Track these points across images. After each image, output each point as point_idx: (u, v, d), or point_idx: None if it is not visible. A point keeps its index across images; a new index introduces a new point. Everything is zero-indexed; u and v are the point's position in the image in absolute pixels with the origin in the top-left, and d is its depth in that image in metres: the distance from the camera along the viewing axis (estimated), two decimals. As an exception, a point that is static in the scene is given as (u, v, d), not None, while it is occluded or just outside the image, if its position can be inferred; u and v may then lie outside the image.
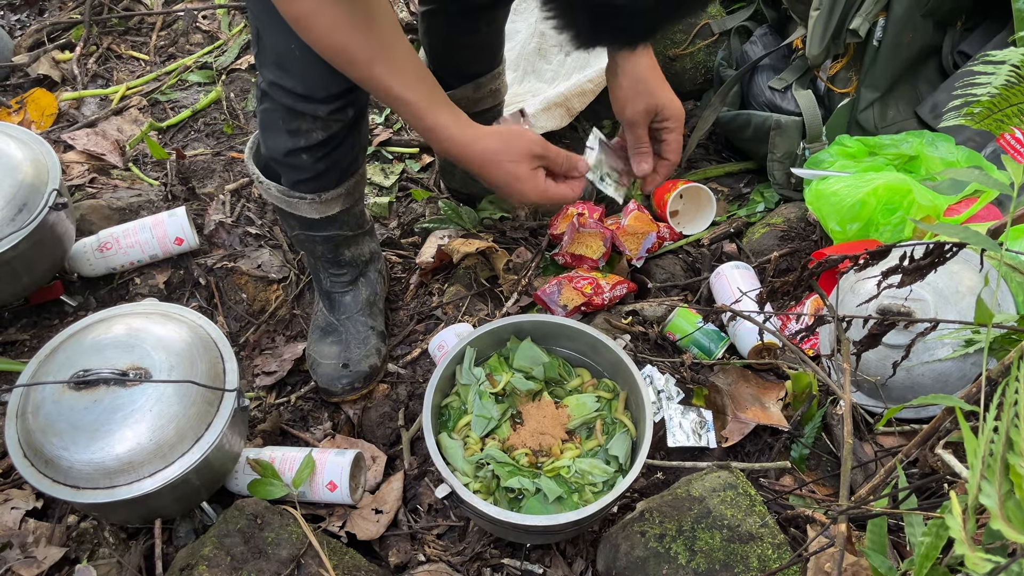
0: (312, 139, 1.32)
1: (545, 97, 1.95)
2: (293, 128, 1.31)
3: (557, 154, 1.20)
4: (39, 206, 1.50)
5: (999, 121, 0.84)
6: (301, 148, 1.33)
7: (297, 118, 1.29)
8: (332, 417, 1.56)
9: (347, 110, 1.30)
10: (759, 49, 1.88)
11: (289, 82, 1.25)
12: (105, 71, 2.35)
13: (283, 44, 1.20)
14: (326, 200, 1.42)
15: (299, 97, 1.26)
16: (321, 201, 1.42)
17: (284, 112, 1.30)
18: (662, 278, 1.74)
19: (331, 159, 1.37)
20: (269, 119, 1.34)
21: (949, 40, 1.75)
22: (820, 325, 1.13)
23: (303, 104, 1.27)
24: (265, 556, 1.20)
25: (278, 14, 1.06)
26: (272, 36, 1.23)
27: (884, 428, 1.35)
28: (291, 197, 1.42)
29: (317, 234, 1.49)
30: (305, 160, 1.35)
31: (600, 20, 0.77)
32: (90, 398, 1.21)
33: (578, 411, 1.23)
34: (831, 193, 1.57)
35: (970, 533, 0.58)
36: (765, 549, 1.16)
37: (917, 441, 0.94)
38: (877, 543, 0.88)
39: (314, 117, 1.29)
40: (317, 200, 1.42)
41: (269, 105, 1.31)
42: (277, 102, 1.29)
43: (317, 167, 1.37)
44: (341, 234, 1.50)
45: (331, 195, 1.42)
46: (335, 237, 1.50)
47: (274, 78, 1.27)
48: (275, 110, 1.31)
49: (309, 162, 1.36)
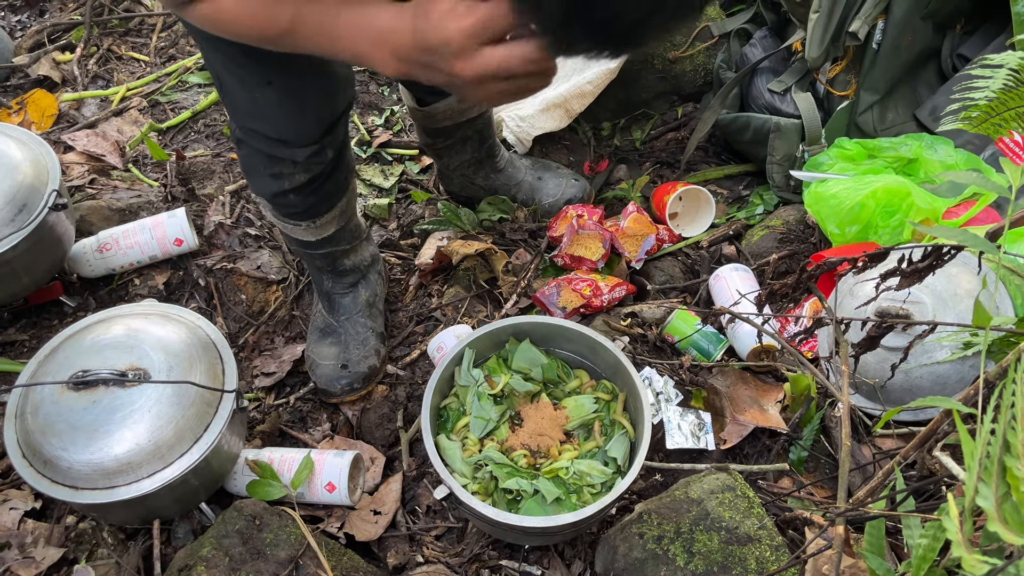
0: (296, 181, 1.31)
1: (544, 98, 1.95)
2: (275, 172, 1.30)
3: None
4: (39, 207, 1.50)
5: (997, 125, 0.85)
6: (286, 190, 1.32)
7: (277, 163, 1.28)
8: (331, 418, 1.56)
9: (325, 151, 1.28)
10: (759, 52, 1.88)
11: (261, 127, 1.23)
12: (105, 72, 2.35)
13: (245, 96, 1.17)
14: (321, 224, 1.43)
15: (275, 142, 1.24)
16: (316, 226, 1.43)
17: (263, 157, 1.29)
18: (661, 280, 1.75)
19: (319, 194, 1.37)
20: (250, 163, 1.33)
21: (948, 43, 1.75)
22: (819, 327, 1.13)
23: (280, 149, 1.25)
24: (263, 557, 1.20)
25: (234, 64, 0.99)
26: (233, 87, 1.20)
27: (882, 430, 1.35)
28: (284, 222, 1.43)
29: (315, 252, 1.50)
30: (293, 199, 1.35)
31: (576, 9, 0.65)
32: (89, 399, 1.21)
33: (576, 412, 1.23)
34: (830, 196, 1.57)
35: (967, 535, 0.58)
36: (763, 551, 1.16)
37: (915, 443, 0.94)
38: (875, 545, 0.88)
39: (293, 162, 1.28)
40: (312, 225, 1.42)
41: (247, 151, 1.30)
42: (254, 148, 1.28)
43: (307, 202, 1.37)
44: (339, 248, 1.51)
45: (325, 219, 1.43)
46: (333, 252, 1.51)
47: (246, 124, 1.25)
48: (254, 155, 1.29)
49: (297, 200, 1.36)
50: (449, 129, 1.69)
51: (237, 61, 1.12)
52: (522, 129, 1.95)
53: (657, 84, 2.07)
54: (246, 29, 0.93)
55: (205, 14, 0.91)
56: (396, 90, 2.27)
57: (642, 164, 2.04)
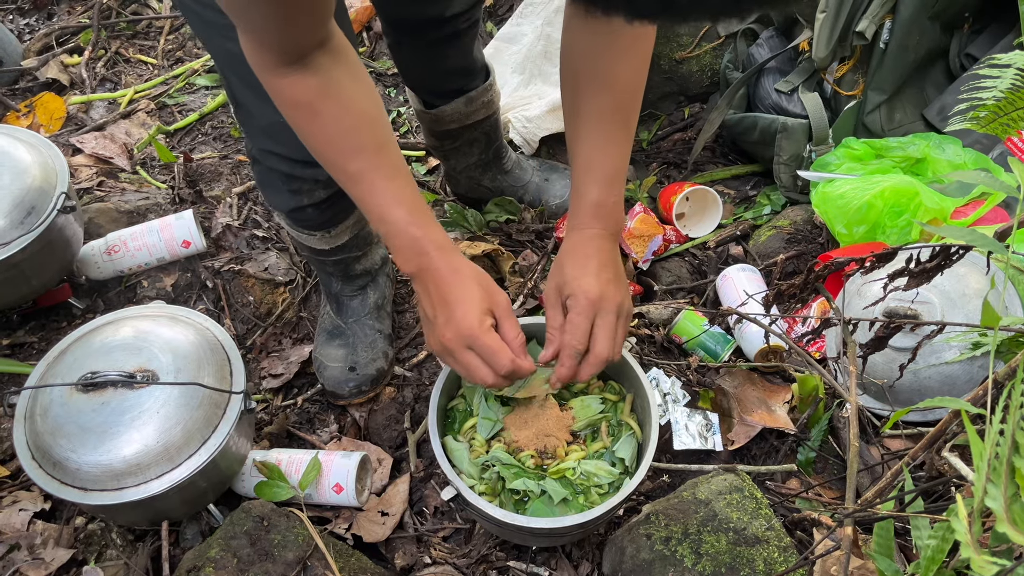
0: (315, 197, 1.30)
1: (551, 99, 1.95)
2: (294, 188, 1.29)
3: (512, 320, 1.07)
4: (47, 209, 1.51)
5: (1005, 125, 0.84)
6: (305, 205, 1.32)
7: (296, 181, 1.27)
8: (338, 419, 1.57)
9: None
10: (765, 52, 1.88)
11: (283, 149, 1.22)
12: (113, 75, 2.36)
13: (265, 117, 1.14)
14: (335, 234, 1.42)
15: (295, 163, 1.23)
16: (331, 235, 1.42)
17: (281, 175, 1.28)
18: (668, 281, 1.74)
19: (336, 207, 1.36)
20: (267, 180, 1.32)
21: (956, 43, 1.74)
22: (826, 328, 1.13)
23: (300, 169, 1.24)
24: (271, 558, 1.20)
25: (254, 87, 0.98)
26: (252, 108, 1.18)
27: (891, 431, 1.34)
28: (299, 232, 1.42)
29: (327, 259, 1.49)
30: (311, 213, 1.35)
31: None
32: (98, 400, 1.22)
33: (583, 413, 1.23)
34: (838, 196, 1.57)
35: (976, 536, 0.58)
36: (771, 552, 1.15)
37: (924, 444, 0.93)
38: (883, 546, 0.88)
39: (315, 180, 1.27)
40: (327, 235, 1.42)
41: (263, 169, 1.29)
42: (272, 168, 1.27)
43: (324, 216, 1.37)
44: (351, 255, 1.51)
45: (340, 229, 1.42)
46: (345, 259, 1.51)
47: (265, 146, 1.24)
48: (271, 173, 1.28)
49: (315, 214, 1.35)
50: (456, 131, 1.69)
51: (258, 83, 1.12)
52: (528, 130, 1.95)
53: (664, 85, 2.07)
54: (318, 147, 1.01)
55: (291, 97, 0.97)
56: (402, 91, 2.28)
57: (649, 164, 2.04)
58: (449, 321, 1.01)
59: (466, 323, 1.00)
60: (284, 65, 0.93)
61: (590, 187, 1.08)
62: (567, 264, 1.09)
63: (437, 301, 1.02)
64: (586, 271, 1.06)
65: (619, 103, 1.07)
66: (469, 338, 1.01)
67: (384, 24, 1.55)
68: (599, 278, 1.06)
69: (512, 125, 1.97)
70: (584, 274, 1.06)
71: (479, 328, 1.01)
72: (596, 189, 1.08)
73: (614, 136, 1.07)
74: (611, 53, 1.04)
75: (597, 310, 1.06)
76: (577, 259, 1.08)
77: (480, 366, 1.02)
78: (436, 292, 1.02)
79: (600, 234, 1.09)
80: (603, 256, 1.08)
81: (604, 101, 1.06)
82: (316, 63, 0.94)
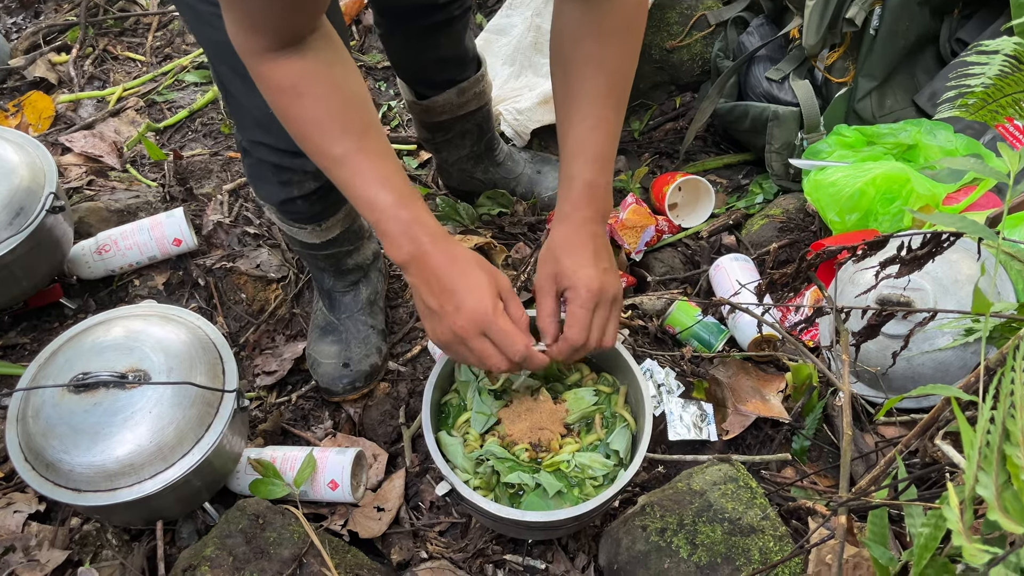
0: (305, 188, 1.30)
1: (541, 91, 1.95)
2: (284, 180, 1.28)
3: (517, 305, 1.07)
4: (36, 210, 1.50)
5: (994, 112, 0.84)
6: (295, 197, 1.31)
7: (286, 172, 1.27)
8: (333, 416, 1.56)
9: None
10: (756, 40, 1.87)
11: (272, 140, 1.21)
12: (101, 73, 2.35)
13: (255, 107, 1.12)
14: (326, 227, 1.42)
15: (285, 153, 1.22)
16: (322, 229, 1.41)
17: (271, 166, 1.27)
18: (661, 271, 1.74)
19: (327, 200, 1.35)
20: (257, 172, 1.31)
21: (946, 28, 1.74)
22: (819, 316, 1.13)
23: (290, 159, 1.23)
24: (267, 556, 1.20)
25: (244, 75, 0.98)
26: (242, 98, 1.18)
27: (884, 418, 1.35)
28: (290, 225, 1.41)
29: (319, 253, 1.49)
30: (300, 205, 1.34)
31: None
32: (90, 401, 1.21)
33: (576, 405, 1.22)
34: (829, 183, 1.57)
35: (968, 524, 0.58)
36: (767, 541, 1.16)
37: (917, 431, 0.93)
38: (878, 534, 0.88)
39: (304, 171, 1.26)
40: (318, 228, 1.41)
41: (254, 160, 1.29)
42: (261, 158, 1.26)
43: (315, 208, 1.36)
44: (343, 249, 1.50)
45: (331, 222, 1.41)
46: (337, 253, 1.50)
47: (255, 137, 1.23)
48: (261, 164, 1.28)
49: (305, 207, 1.34)
50: (448, 123, 1.69)
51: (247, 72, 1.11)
52: (520, 122, 1.95)
53: (654, 74, 2.07)
54: (304, 131, 0.99)
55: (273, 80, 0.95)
56: (393, 85, 2.27)
57: (640, 155, 2.03)
58: (460, 309, 0.99)
59: (481, 308, 0.99)
60: (273, 50, 0.92)
61: (582, 168, 1.07)
62: (563, 253, 1.08)
63: (440, 291, 1.00)
64: (584, 261, 1.06)
65: (611, 85, 1.06)
66: (484, 323, 1.00)
67: (376, 14, 1.54)
68: (597, 268, 1.06)
69: (503, 117, 1.97)
70: (583, 265, 1.06)
71: (494, 312, 1.00)
72: (589, 169, 1.07)
73: (606, 117, 1.07)
74: (602, 37, 1.04)
75: (598, 301, 1.07)
76: (573, 248, 1.07)
77: (493, 352, 1.01)
78: (437, 282, 1.00)
79: (592, 218, 1.08)
80: (597, 243, 1.08)
81: (596, 83, 1.05)
82: (308, 45, 0.94)
